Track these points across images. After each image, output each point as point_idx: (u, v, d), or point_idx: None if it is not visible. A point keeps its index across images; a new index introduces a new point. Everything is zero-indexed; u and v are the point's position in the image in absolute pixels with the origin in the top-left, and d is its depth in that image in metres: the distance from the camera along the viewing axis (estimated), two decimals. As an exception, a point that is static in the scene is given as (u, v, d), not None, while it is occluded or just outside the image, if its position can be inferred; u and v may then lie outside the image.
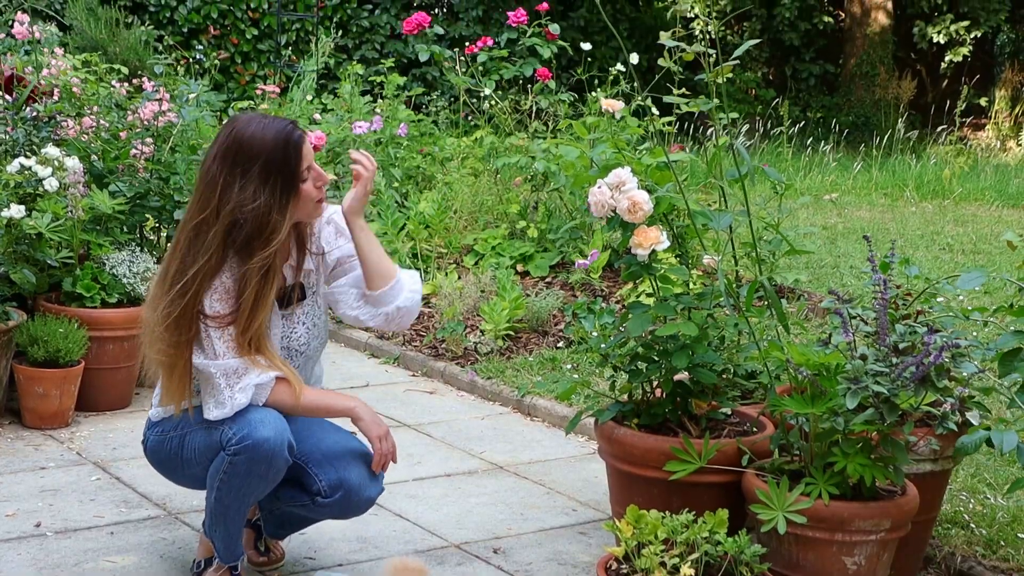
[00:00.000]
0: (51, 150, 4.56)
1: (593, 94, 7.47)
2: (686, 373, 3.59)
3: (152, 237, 5.38)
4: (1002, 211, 10.71)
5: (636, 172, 3.47)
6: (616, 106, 3.64)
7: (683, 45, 3.74)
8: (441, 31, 8.35)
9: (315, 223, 3.22)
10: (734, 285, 3.71)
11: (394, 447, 3.23)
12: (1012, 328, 3.44)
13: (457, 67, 7.89)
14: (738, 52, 3.76)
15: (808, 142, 13.61)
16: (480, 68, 7.72)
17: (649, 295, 4.83)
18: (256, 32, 13.16)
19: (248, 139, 2.99)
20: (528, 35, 7.83)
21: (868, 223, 9.71)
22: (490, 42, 7.76)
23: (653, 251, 3.42)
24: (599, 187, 3.43)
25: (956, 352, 3.04)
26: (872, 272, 3.35)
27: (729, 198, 3.75)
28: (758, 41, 3.95)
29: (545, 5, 7.93)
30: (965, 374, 3.17)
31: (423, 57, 7.76)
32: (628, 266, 3.48)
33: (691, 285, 4.07)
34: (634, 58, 7.71)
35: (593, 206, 3.45)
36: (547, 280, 6.76)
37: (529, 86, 7.84)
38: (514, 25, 7.70)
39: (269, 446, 3.03)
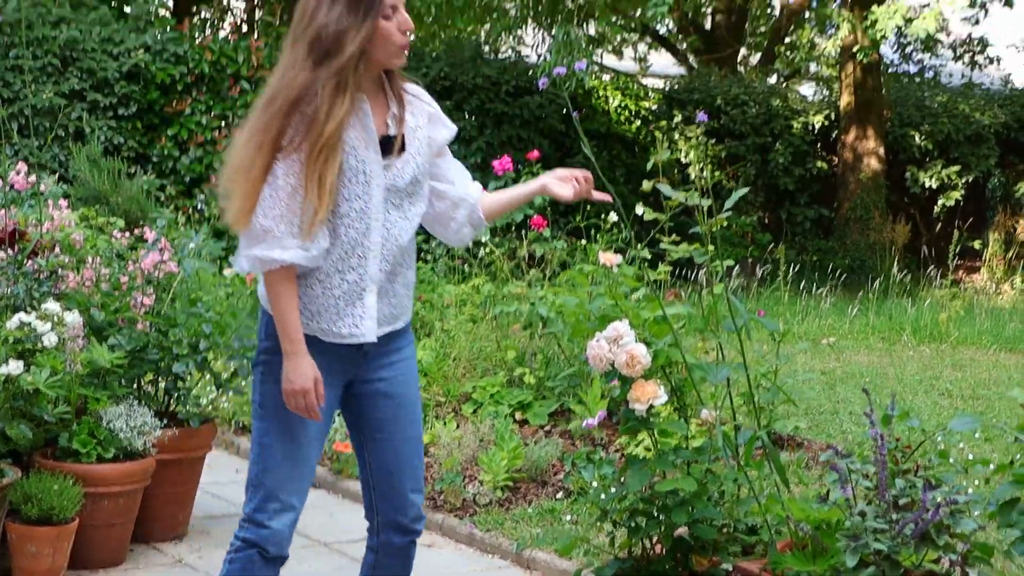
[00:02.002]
0: (51, 305, 4.59)
1: (592, 245, 7.54)
2: (686, 528, 3.56)
3: (150, 389, 5.38)
4: (999, 355, 10.73)
5: (634, 325, 3.49)
6: (613, 260, 3.68)
7: (676, 194, 3.77)
8: None
9: (407, 88, 3.26)
10: (733, 437, 3.70)
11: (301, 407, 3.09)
12: (1011, 479, 3.42)
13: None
14: (729, 203, 3.81)
15: (804, 286, 13.70)
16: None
17: (648, 448, 4.81)
18: (257, 180, 13.32)
19: None
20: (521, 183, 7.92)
21: (866, 368, 9.71)
22: (483, 192, 7.86)
23: (651, 405, 3.43)
24: (597, 341, 3.45)
25: (955, 508, 3.02)
26: (870, 426, 3.34)
27: (726, 347, 3.77)
28: (746, 190, 4.00)
29: (535, 154, 8.06)
30: (965, 531, 3.14)
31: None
32: (626, 420, 3.48)
33: (689, 438, 4.05)
34: (638, 209, 7.83)
35: (592, 359, 3.47)
36: (546, 428, 6.74)
37: (524, 232, 7.93)
38: (499, 174, 7.81)
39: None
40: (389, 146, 3.14)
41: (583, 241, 7.77)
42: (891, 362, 10.10)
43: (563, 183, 3.24)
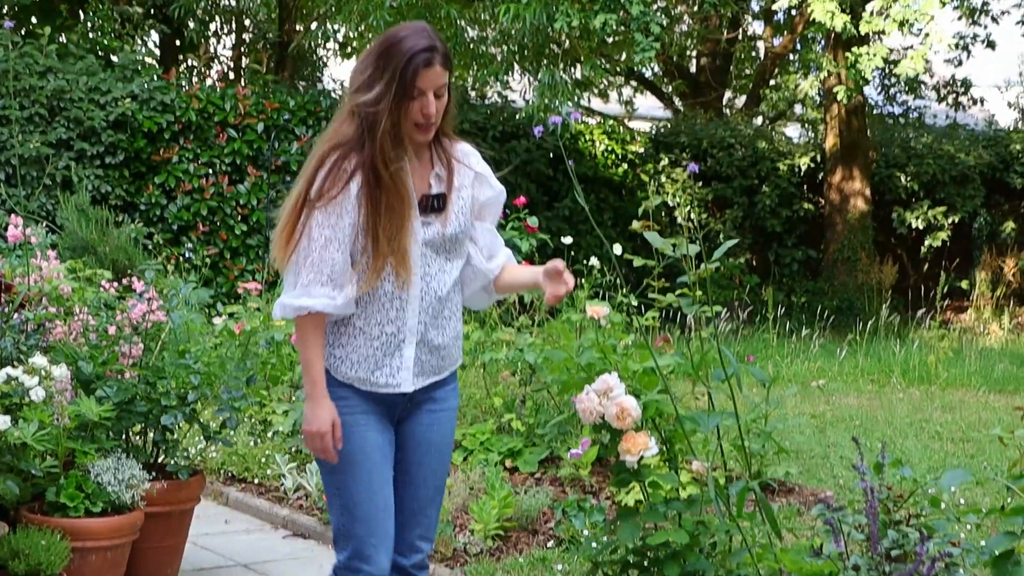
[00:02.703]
0: (38, 359, 4.56)
1: (578, 292, 7.54)
2: (678, 581, 3.54)
3: (138, 441, 5.35)
4: (988, 396, 10.73)
5: (623, 377, 3.49)
6: (601, 312, 3.68)
7: (665, 243, 3.77)
8: None
9: (456, 149, 3.36)
10: (724, 487, 3.68)
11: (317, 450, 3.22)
12: (1003, 529, 3.41)
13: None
14: (718, 253, 3.81)
15: (793, 327, 13.72)
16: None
17: (639, 500, 4.79)
18: (245, 228, 13.34)
19: (394, 43, 3.15)
20: (508, 228, 7.94)
21: (856, 410, 9.71)
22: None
23: (641, 456, 3.41)
24: (587, 394, 3.44)
25: (949, 562, 3.01)
26: (860, 479, 3.33)
27: (716, 393, 3.76)
28: (735, 242, 4.00)
29: (523, 199, 8.08)
30: (961, 583, 3.13)
31: None
32: (617, 472, 3.46)
33: (681, 488, 4.04)
34: (617, 248, 7.85)
35: (581, 412, 3.46)
36: (536, 476, 6.71)
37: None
38: None
39: None
40: (431, 204, 3.25)
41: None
42: (881, 405, 10.10)
43: (555, 282, 3.27)
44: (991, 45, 18.52)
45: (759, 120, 21.75)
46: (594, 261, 7.89)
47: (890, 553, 3.17)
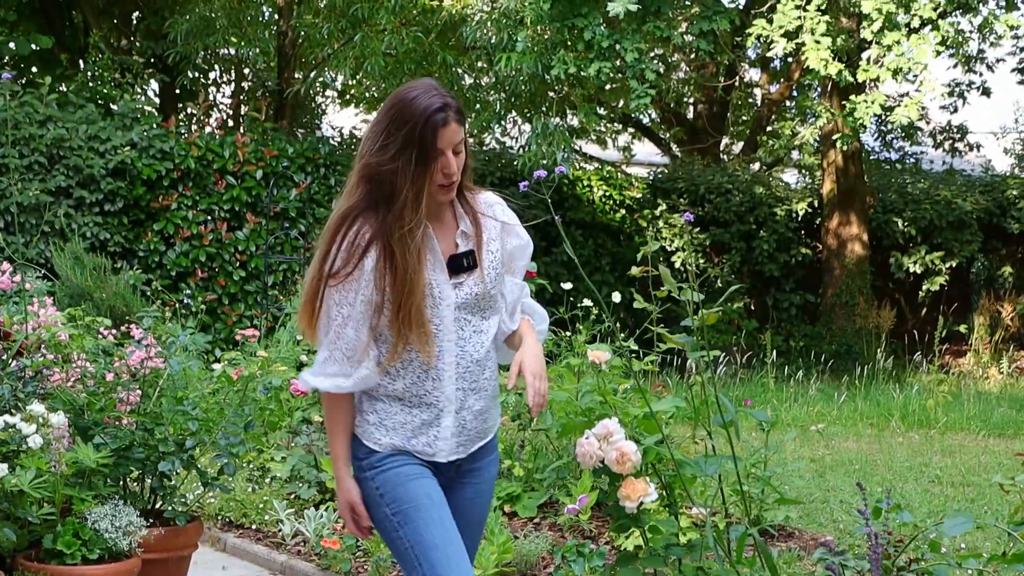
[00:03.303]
0: (36, 407, 4.56)
1: (577, 336, 7.54)
2: (679, 627, 3.52)
3: (136, 488, 5.33)
4: (988, 441, 10.71)
5: (623, 422, 3.48)
6: (602, 357, 3.68)
7: (672, 285, 3.77)
8: None
9: (479, 202, 3.26)
10: (723, 532, 3.67)
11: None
12: None
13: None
14: (722, 300, 3.83)
15: (791, 372, 13.71)
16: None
17: (638, 546, 4.77)
18: (243, 273, 13.36)
19: (405, 105, 3.04)
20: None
21: (856, 455, 9.69)
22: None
23: (641, 502, 3.40)
24: (587, 438, 3.44)
25: (952, 605, 3.00)
26: (864, 524, 3.32)
27: (715, 436, 3.75)
28: (739, 287, 4.01)
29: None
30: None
31: None
32: (617, 517, 3.45)
33: (680, 535, 4.02)
34: (616, 296, 7.87)
35: (581, 456, 3.45)
36: (535, 521, 6.68)
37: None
38: None
39: None
40: (460, 264, 3.15)
41: (568, 332, 7.77)
42: (880, 448, 10.08)
43: (531, 384, 3.08)
44: (986, 92, 18.60)
45: (756, 166, 21.83)
46: (587, 302, 7.90)
47: (891, 598, 3.15)
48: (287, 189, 13.75)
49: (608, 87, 15.17)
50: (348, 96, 20.60)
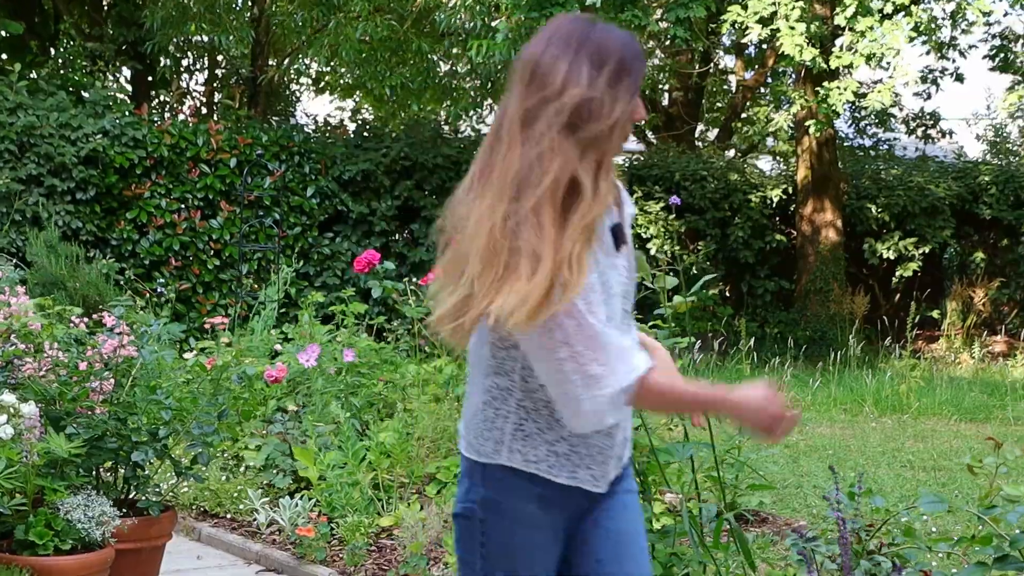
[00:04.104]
0: (7, 397, 4.53)
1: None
2: (652, 612, 3.53)
3: (109, 478, 5.31)
4: (959, 425, 10.78)
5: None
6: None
7: (646, 272, 3.78)
8: (392, 265, 8.46)
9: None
10: (697, 517, 3.68)
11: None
12: (975, 559, 3.43)
13: (409, 298, 7.99)
14: (696, 288, 3.83)
15: (766, 358, 13.77)
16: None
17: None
18: (218, 262, 13.32)
19: (599, 35, 2.41)
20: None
21: (829, 440, 9.74)
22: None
23: (614, 489, 3.40)
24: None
25: (922, 590, 3.02)
26: (834, 508, 3.34)
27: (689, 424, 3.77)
28: (714, 276, 4.01)
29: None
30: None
31: (375, 293, 7.89)
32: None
33: (655, 520, 4.03)
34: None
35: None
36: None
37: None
38: None
39: None
40: (617, 236, 2.55)
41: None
42: (854, 434, 10.13)
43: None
44: (959, 79, 18.67)
45: (732, 152, 21.88)
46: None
47: (862, 582, 3.17)
48: (261, 177, 13.71)
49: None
50: (323, 83, 20.55)
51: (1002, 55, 18.54)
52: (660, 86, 21.26)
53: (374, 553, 6.01)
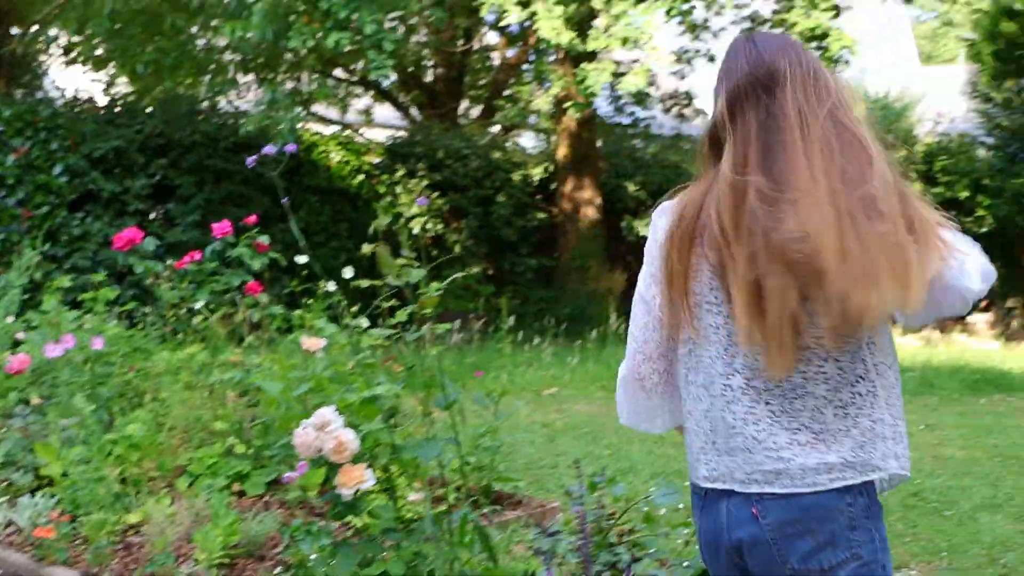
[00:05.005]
0: None
1: (306, 313, 7.45)
2: (397, 611, 3.53)
3: None
4: (711, 400, 11.17)
5: (341, 410, 3.44)
6: (317, 344, 3.62)
7: (394, 266, 3.76)
8: (154, 245, 8.19)
9: None
10: (443, 513, 3.69)
11: None
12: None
13: (163, 281, 7.76)
14: (446, 283, 3.83)
15: (527, 336, 13.95)
16: (191, 282, 7.62)
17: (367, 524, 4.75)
18: (-43, 242, 12.66)
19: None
20: (237, 247, 7.77)
21: (586, 418, 9.95)
22: (199, 256, 7.69)
23: (358, 489, 3.38)
24: (304, 428, 3.38)
25: (655, 583, 3.10)
26: (572, 505, 3.39)
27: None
28: (464, 274, 4.00)
29: (254, 217, 7.93)
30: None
31: (138, 270, 7.64)
32: (334, 505, 3.42)
33: (403, 517, 4.02)
34: (348, 272, 7.79)
35: (299, 447, 3.40)
36: (265, 499, 6.58)
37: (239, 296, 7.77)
38: (219, 236, 7.62)
39: None
40: None
41: (299, 311, 7.67)
42: (609, 411, 10.36)
43: None
44: (712, 59, 19.28)
45: (497, 129, 22.03)
46: (332, 286, 7.80)
47: (600, 575, 3.24)
48: (4, 154, 13.06)
49: (347, 49, 15.00)
50: (75, 54, 19.69)
51: (751, 38, 19.17)
52: (423, 63, 21.22)
53: (121, 551, 5.82)
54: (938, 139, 19.46)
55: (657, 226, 2.49)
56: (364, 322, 6.31)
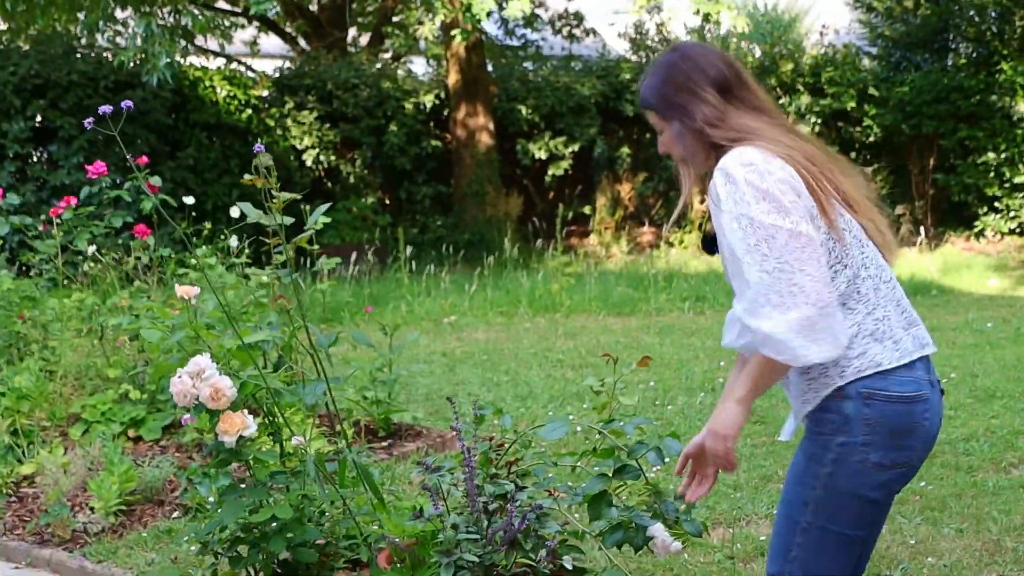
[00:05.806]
0: None
1: (194, 254, 7.35)
2: (288, 554, 3.54)
3: None
4: (607, 320, 11.29)
5: (216, 357, 3.42)
6: (191, 292, 3.58)
7: (259, 214, 3.72)
8: (19, 199, 7.98)
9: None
10: (328, 456, 3.69)
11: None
12: (597, 471, 3.60)
13: (41, 231, 7.61)
14: (310, 223, 3.80)
15: (425, 265, 13.94)
16: (71, 227, 7.47)
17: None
18: None
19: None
20: (127, 187, 7.62)
21: (485, 345, 9.99)
22: (74, 201, 7.53)
23: (241, 436, 3.37)
24: (179, 377, 3.36)
25: (541, 513, 3.14)
26: (458, 439, 3.41)
27: (335, 349, 3.76)
28: (326, 206, 3.92)
29: (144, 159, 7.78)
30: (550, 533, 3.27)
31: (4, 230, 7.47)
32: (217, 453, 3.41)
33: (288, 462, 4.02)
34: (235, 211, 7.69)
35: (176, 396, 3.38)
36: (162, 444, 6.54)
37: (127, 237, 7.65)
38: (94, 177, 7.43)
39: None
40: (712, 246, 2.95)
41: (189, 251, 7.57)
42: (508, 337, 10.43)
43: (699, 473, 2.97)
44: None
45: (388, 56, 21.76)
46: (233, 239, 7.70)
47: (488, 507, 3.27)
48: None
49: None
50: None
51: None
52: (308, -9, 20.84)
53: (15, 504, 5.76)
54: (824, 51, 19.63)
55: (772, 171, 2.74)
56: (247, 259, 6.26)
